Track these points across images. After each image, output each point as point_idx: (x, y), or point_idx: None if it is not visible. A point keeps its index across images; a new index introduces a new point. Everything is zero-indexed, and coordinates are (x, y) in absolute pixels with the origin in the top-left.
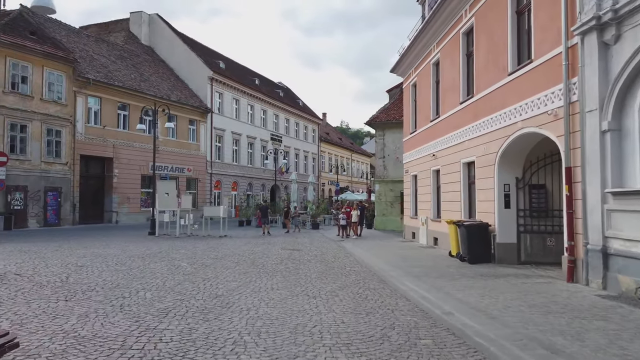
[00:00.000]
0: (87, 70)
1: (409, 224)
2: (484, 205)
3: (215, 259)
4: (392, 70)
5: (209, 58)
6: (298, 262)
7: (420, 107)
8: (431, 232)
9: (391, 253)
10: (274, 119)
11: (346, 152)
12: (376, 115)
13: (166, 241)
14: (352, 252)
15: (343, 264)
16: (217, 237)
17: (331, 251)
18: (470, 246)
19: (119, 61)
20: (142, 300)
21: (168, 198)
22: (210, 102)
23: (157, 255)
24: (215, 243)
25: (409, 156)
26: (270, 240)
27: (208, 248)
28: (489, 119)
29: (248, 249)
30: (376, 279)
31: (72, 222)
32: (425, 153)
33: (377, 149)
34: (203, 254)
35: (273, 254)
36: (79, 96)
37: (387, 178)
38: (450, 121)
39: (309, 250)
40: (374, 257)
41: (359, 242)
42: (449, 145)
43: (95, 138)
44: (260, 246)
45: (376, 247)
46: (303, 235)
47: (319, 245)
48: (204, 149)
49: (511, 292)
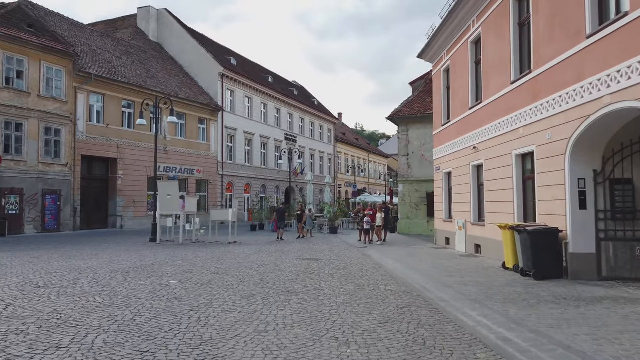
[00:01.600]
0: (88, 65)
1: (441, 228)
2: (549, 206)
3: (216, 274)
4: (420, 56)
5: (220, 54)
6: (318, 278)
7: (455, 94)
8: (471, 238)
9: (427, 264)
10: (288, 118)
11: (363, 153)
12: (399, 110)
13: (166, 249)
14: (380, 263)
15: (374, 281)
16: (226, 243)
17: (356, 261)
18: (536, 257)
19: (124, 57)
20: (84, 353)
21: (170, 200)
22: (221, 100)
23: (146, 269)
24: (221, 251)
25: (440, 151)
26: (284, 247)
27: (211, 258)
28: (555, 97)
29: (258, 259)
30: (425, 306)
31: (72, 227)
32: (463, 146)
33: (400, 146)
34: (203, 266)
35: (287, 265)
36: (80, 93)
37: (411, 177)
38: (497, 106)
39: (329, 260)
40: (410, 270)
41: (384, 250)
42: (496, 134)
43: (97, 137)
44: (272, 255)
45: (407, 256)
46: (321, 241)
47: (340, 253)
48: (214, 149)
49: (633, 331)
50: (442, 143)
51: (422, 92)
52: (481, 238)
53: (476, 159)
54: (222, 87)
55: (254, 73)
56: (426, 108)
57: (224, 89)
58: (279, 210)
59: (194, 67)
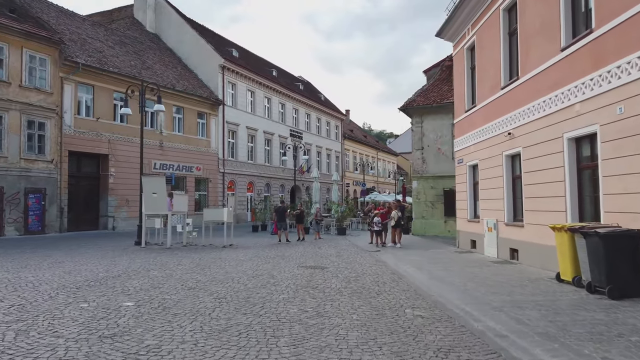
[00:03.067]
0: (76, 54)
1: (464, 229)
2: (622, 201)
3: (191, 290)
4: (439, 34)
5: (221, 46)
6: (322, 297)
7: (482, 73)
8: (505, 241)
9: (457, 273)
10: (294, 113)
11: (371, 151)
12: (412, 99)
13: (148, 255)
14: (398, 272)
15: (396, 300)
16: (220, 247)
17: (369, 269)
18: (611, 269)
19: (117, 47)
20: None
21: (156, 199)
22: (221, 93)
23: (105, 284)
24: (211, 257)
25: (463, 141)
26: (286, 251)
27: (196, 266)
28: (631, 59)
29: (252, 267)
30: (479, 347)
31: (59, 228)
32: (493, 133)
33: (414, 140)
34: (180, 278)
35: (285, 277)
36: (67, 83)
37: (426, 173)
38: (541, 80)
39: (337, 269)
40: (438, 283)
41: (401, 254)
42: (539, 115)
43: (87, 132)
44: (269, 262)
45: (428, 262)
46: (328, 244)
47: (349, 258)
48: (215, 146)
49: None
50: (466, 132)
51: (437, 80)
52: (518, 241)
53: (511, 147)
54: (223, 80)
55: (257, 66)
56: (442, 97)
57: (224, 82)
58: (279, 209)
59: (193, 58)
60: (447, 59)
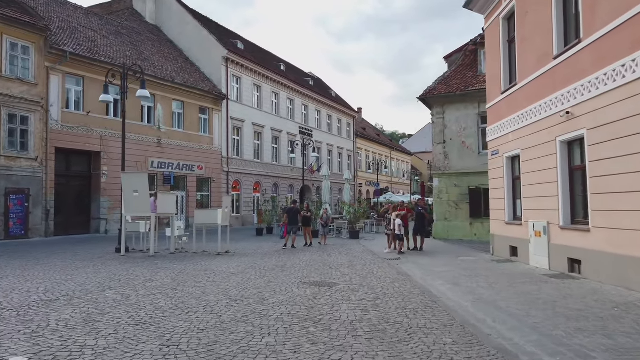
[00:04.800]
0: (64, 42)
1: (501, 233)
2: None
3: (137, 326)
4: (467, 4)
5: (225, 37)
6: (327, 341)
7: (525, 43)
8: (560, 249)
9: (509, 294)
10: (303, 110)
11: (385, 150)
12: (432, 88)
13: (121, 265)
14: (431, 292)
15: (440, 348)
16: (214, 254)
17: (390, 288)
18: None
19: (112, 37)
20: None
21: (138, 198)
22: (225, 87)
23: (25, 314)
24: (195, 268)
25: (499, 129)
26: (289, 260)
27: (169, 282)
28: None
29: (239, 283)
30: None
31: (44, 232)
32: (543, 114)
33: (435, 132)
34: (137, 303)
35: (278, 300)
36: (54, 74)
37: (449, 170)
38: (614, 41)
39: (349, 286)
40: (491, 312)
41: (426, 264)
42: (613, 85)
43: (76, 127)
44: (265, 275)
45: (464, 276)
46: (338, 250)
47: (364, 270)
48: (218, 143)
49: None
50: (502, 117)
51: (460, 66)
52: (581, 250)
53: (570, 131)
54: (227, 73)
55: (264, 59)
56: (467, 84)
57: (228, 75)
58: (290, 210)
59: (195, 51)
60: (471, 43)
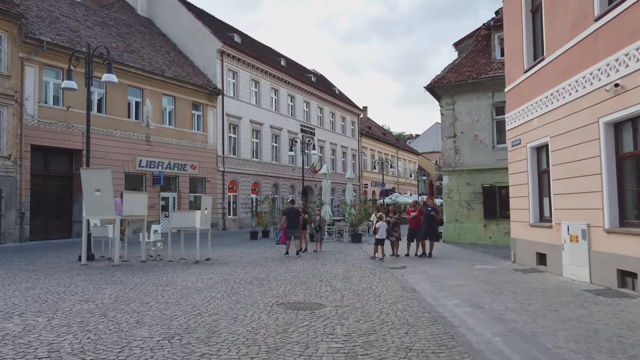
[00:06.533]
0: (41, 32)
1: (525, 237)
2: None
3: None
4: None
5: (221, 30)
6: None
7: (555, 9)
8: (607, 258)
9: (552, 321)
10: (305, 107)
11: (391, 149)
12: (441, 76)
13: (69, 278)
14: (446, 318)
15: None
16: (192, 262)
17: (391, 311)
18: None
19: (97, 28)
20: None
21: (100, 198)
22: (220, 81)
23: None
24: (156, 282)
25: (521, 115)
26: (275, 269)
27: (109, 303)
28: None
29: (194, 306)
30: None
31: (19, 237)
32: (580, 91)
33: (444, 126)
34: (39, 338)
35: (233, 336)
36: (29, 65)
37: (460, 166)
38: None
39: (335, 312)
40: (543, 357)
41: (437, 274)
42: None
43: (55, 123)
44: (237, 292)
45: (487, 292)
46: (335, 256)
47: (361, 283)
48: (213, 141)
49: None
50: (525, 101)
51: (472, 52)
52: (639, 260)
53: (618, 109)
54: (222, 67)
55: (262, 54)
56: (479, 71)
57: (224, 69)
58: (290, 212)
59: (188, 44)
60: (483, 28)
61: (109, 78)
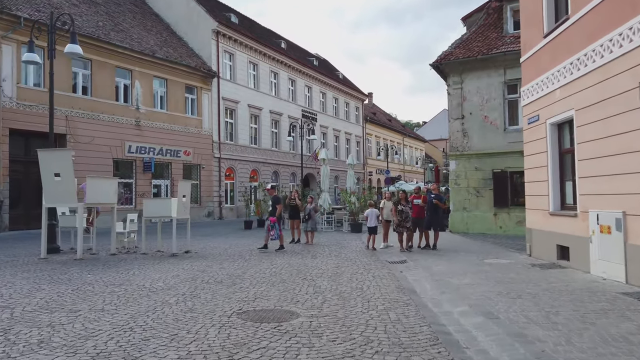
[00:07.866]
0: (18, 7)
1: (543, 227)
2: None
3: None
4: None
5: (217, 10)
6: None
7: None
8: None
9: (600, 341)
10: (306, 91)
11: (397, 136)
12: (448, 52)
13: (11, 276)
14: (453, 335)
15: None
16: (168, 255)
17: (380, 327)
18: None
19: (83, 5)
20: None
21: (60, 184)
22: (216, 63)
23: None
24: (111, 281)
25: (540, 87)
26: (253, 266)
27: (34, 310)
28: None
29: (132, 316)
30: None
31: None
32: (614, 53)
33: (452, 106)
34: None
35: None
36: (6, 43)
37: (469, 150)
38: None
39: (308, 325)
40: None
41: (442, 271)
42: None
43: (35, 106)
44: (197, 295)
45: (502, 295)
46: (330, 248)
47: (351, 283)
48: (208, 126)
49: None
50: (545, 70)
51: (482, 26)
52: None
53: None
54: (218, 48)
55: (261, 35)
56: (490, 46)
57: (219, 50)
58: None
59: (182, 24)
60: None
61: (72, 49)
